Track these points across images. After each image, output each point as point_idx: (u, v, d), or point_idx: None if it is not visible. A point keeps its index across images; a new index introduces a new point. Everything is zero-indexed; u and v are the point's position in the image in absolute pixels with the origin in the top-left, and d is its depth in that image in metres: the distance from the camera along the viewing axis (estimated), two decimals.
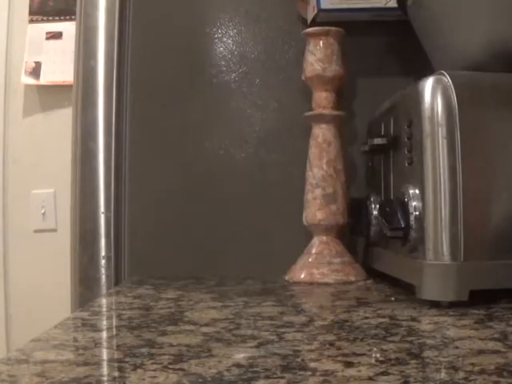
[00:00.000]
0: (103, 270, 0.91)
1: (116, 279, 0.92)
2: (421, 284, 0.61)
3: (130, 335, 0.50)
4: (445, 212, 0.59)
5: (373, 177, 0.82)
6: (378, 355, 0.42)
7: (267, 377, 0.37)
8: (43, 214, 1.98)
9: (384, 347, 0.44)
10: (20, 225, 1.98)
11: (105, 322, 0.58)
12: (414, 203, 0.62)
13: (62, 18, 1.97)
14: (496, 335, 0.47)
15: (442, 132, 0.60)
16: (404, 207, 0.63)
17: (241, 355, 0.43)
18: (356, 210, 0.82)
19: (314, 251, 0.82)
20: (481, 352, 0.42)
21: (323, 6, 0.84)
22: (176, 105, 0.93)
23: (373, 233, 0.78)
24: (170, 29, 0.95)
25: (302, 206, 0.85)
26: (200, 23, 0.95)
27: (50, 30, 1.97)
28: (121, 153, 0.92)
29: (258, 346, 0.45)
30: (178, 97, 0.93)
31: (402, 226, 0.63)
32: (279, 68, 0.93)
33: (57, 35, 1.97)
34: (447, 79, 0.61)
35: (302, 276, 0.81)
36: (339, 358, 0.41)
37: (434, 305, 0.59)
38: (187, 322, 0.55)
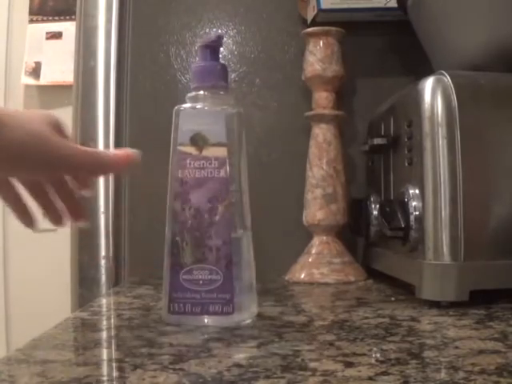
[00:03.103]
0: (103, 270, 0.91)
1: (116, 279, 0.92)
2: (421, 284, 0.61)
3: (130, 335, 0.50)
4: (445, 212, 0.59)
5: (373, 177, 0.82)
6: (378, 355, 0.42)
7: (267, 377, 0.37)
8: None
9: (384, 347, 0.44)
10: (20, 225, 1.97)
11: (105, 322, 0.58)
12: (414, 203, 0.62)
13: (62, 18, 1.97)
14: (496, 335, 0.47)
15: (441, 132, 0.60)
16: (404, 207, 0.63)
17: (241, 355, 0.43)
18: (356, 210, 0.82)
19: (314, 251, 0.82)
20: (481, 352, 0.42)
21: (323, 5, 0.85)
22: (176, 105, 0.93)
23: (373, 233, 0.77)
24: (169, 28, 0.95)
25: (302, 206, 0.85)
26: (200, 23, 0.95)
27: (50, 30, 1.97)
28: None
29: (258, 346, 0.45)
30: (177, 97, 0.93)
31: (402, 226, 0.63)
32: (279, 68, 0.93)
33: (57, 35, 1.97)
34: (447, 79, 0.61)
35: (302, 276, 0.81)
36: (339, 358, 0.41)
37: (434, 305, 0.59)
38: None
